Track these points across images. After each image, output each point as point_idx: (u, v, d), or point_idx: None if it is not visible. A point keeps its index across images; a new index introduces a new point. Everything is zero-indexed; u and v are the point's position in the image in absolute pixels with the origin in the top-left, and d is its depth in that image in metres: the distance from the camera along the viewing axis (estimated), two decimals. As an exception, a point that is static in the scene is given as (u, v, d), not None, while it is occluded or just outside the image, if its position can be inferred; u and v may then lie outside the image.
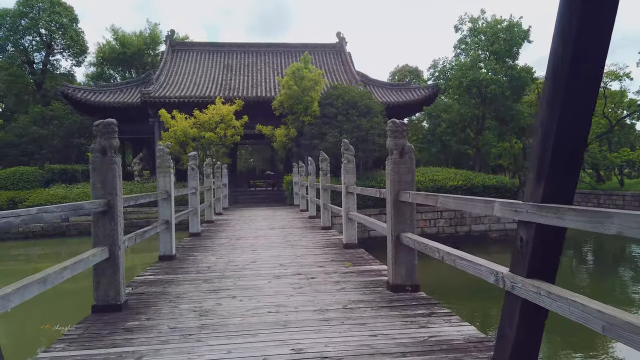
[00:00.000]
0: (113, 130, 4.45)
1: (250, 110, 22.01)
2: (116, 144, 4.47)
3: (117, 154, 4.50)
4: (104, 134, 4.41)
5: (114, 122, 4.48)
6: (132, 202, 5.25)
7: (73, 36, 30.93)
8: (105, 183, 4.36)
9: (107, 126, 4.43)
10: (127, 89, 25.63)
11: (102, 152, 4.42)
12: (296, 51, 28.75)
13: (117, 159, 4.45)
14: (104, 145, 4.41)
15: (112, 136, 4.44)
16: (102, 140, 4.42)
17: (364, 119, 19.80)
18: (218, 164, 16.17)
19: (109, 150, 4.41)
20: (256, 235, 9.96)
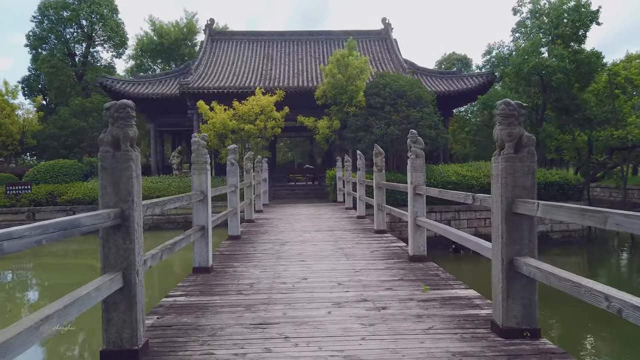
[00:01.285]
0: (129, 116, 3.33)
1: (291, 101, 20.90)
2: (133, 133, 3.35)
3: (135, 148, 3.39)
4: (117, 120, 3.30)
5: (130, 105, 3.36)
6: (157, 208, 4.14)
7: (113, 27, 30.70)
8: (118, 186, 3.25)
9: (121, 110, 3.31)
10: (166, 80, 25.04)
11: (114, 144, 3.31)
12: (339, 39, 27.38)
13: (135, 154, 3.34)
14: (117, 135, 3.29)
15: (128, 123, 3.32)
16: (115, 129, 3.31)
17: (414, 109, 18.29)
18: (258, 158, 15.13)
19: (124, 142, 3.29)
20: (302, 239, 8.79)
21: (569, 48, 21.15)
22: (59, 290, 9.22)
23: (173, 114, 24.43)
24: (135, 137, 3.41)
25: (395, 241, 8.31)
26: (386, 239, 8.66)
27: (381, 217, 9.46)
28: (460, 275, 6.49)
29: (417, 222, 6.44)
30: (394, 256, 6.88)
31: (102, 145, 3.32)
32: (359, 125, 18.74)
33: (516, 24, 23.29)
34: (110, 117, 3.33)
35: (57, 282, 12.32)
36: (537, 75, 21.07)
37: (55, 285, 12.05)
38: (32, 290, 12.41)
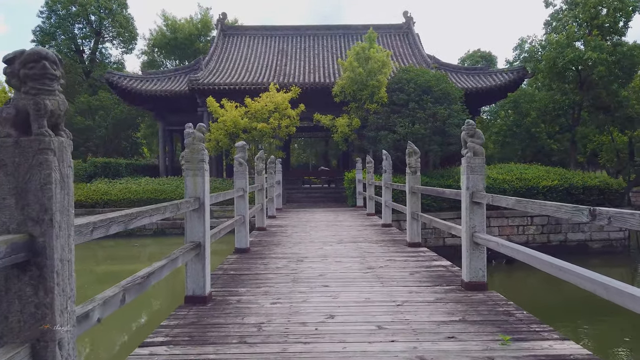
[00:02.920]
0: (47, 74, 1.94)
1: (307, 99, 19.52)
2: (55, 105, 1.97)
3: (61, 132, 2.03)
4: (26, 81, 1.93)
5: (48, 56, 1.96)
6: (116, 227, 2.74)
7: (122, 23, 29.67)
8: (25, 196, 1.88)
9: (32, 63, 1.92)
10: (176, 77, 23.84)
11: (18, 124, 1.93)
12: (357, 33, 25.94)
13: (59, 141, 1.97)
14: (24, 107, 1.92)
15: (46, 87, 1.95)
16: (21, 98, 1.93)
17: (441, 106, 16.77)
18: (272, 158, 13.77)
19: (37, 121, 1.91)
20: (323, 253, 7.37)
21: (608, 41, 19.43)
22: None
23: (182, 112, 23.20)
24: (62, 113, 2.04)
25: (436, 258, 6.84)
26: (423, 254, 7.19)
27: (415, 228, 7.99)
28: (497, 289, 5.04)
29: (475, 240, 4.97)
30: (441, 281, 5.42)
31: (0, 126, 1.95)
32: (381, 124, 17.27)
33: (549, 16, 21.60)
34: (15, 77, 1.95)
35: None
36: (574, 70, 19.38)
37: None
38: None
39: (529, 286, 11.42)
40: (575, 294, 6.53)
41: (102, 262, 13.92)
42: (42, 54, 1.92)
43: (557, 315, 8.77)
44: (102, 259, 14.25)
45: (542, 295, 10.54)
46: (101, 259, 14.33)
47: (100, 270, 12.77)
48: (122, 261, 13.48)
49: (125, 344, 7.47)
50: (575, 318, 8.89)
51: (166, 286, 9.88)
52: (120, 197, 17.35)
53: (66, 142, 2.04)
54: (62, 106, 2.02)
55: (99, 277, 12.12)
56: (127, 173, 20.71)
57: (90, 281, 11.72)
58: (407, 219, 8.12)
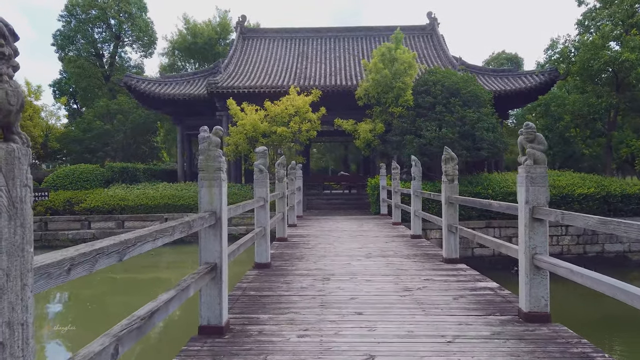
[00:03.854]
0: (1, 31, 1.33)
1: (328, 102, 18.89)
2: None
3: (19, 138, 1.42)
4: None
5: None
6: (109, 259, 2.10)
7: (142, 26, 29.53)
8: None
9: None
10: (194, 80, 23.46)
11: None
12: (379, 35, 25.23)
13: (7, 152, 1.34)
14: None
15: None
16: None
17: (469, 109, 15.95)
18: (292, 164, 13.14)
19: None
20: (352, 270, 6.68)
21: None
22: None
23: (201, 116, 22.80)
24: (13, 108, 1.43)
25: (480, 278, 6.09)
26: (464, 273, 6.44)
27: (452, 243, 7.25)
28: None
29: (536, 263, 4.22)
30: (492, 309, 4.68)
31: None
32: (406, 128, 16.51)
33: (582, 16, 20.57)
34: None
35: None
36: (610, 72, 18.32)
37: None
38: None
39: (567, 300, 10.54)
40: (614, 308, 5.76)
41: (119, 270, 13.46)
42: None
43: (602, 332, 7.99)
44: (119, 267, 13.79)
45: (583, 310, 9.69)
46: (117, 266, 13.88)
47: (119, 279, 12.31)
48: (139, 271, 13.00)
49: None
50: (622, 334, 8.13)
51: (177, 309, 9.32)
52: (137, 203, 16.93)
53: (20, 151, 1.41)
54: (12, 99, 1.39)
55: (117, 287, 11.66)
56: (144, 178, 20.34)
57: (109, 291, 11.25)
58: (443, 233, 7.37)
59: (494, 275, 7.47)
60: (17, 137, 1.44)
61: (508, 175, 17.21)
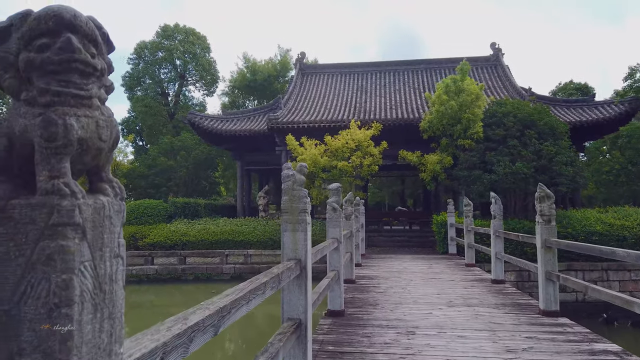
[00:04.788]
0: (72, 60, 0.89)
1: (389, 136, 18.38)
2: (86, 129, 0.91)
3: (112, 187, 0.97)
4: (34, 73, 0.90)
5: (77, 22, 0.92)
6: (205, 335, 1.65)
7: (205, 66, 30.69)
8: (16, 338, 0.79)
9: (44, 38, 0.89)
10: (255, 117, 23.80)
11: (6, 171, 0.90)
12: (440, 67, 24.71)
13: (96, 209, 0.88)
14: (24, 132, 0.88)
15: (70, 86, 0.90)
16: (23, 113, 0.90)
17: (546, 142, 14.91)
18: (356, 200, 12.62)
19: (48, 161, 0.86)
20: (436, 322, 5.95)
21: None
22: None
23: (261, 152, 22.98)
24: (106, 146, 0.99)
25: (594, 337, 5.19)
26: (571, 330, 5.54)
27: (552, 293, 6.38)
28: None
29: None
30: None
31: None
32: (474, 162, 15.64)
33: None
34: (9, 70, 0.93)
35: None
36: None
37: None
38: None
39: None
40: None
41: (182, 307, 13.29)
42: (65, 18, 0.89)
43: None
44: (181, 304, 13.64)
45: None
46: (180, 304, 13.72)
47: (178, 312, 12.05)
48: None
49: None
50: None
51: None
52: (198, 238, 16.94)
53: (112, 206, 0.97)
54: (104, 132, 0.96)
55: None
56: (205, 213, 20.50)
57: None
58: (540, 281, 6.52)
59: (580, 324, 6.49)
60: (107, 187, 1.01)
61: (589, 212, 15.78)
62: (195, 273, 15.90)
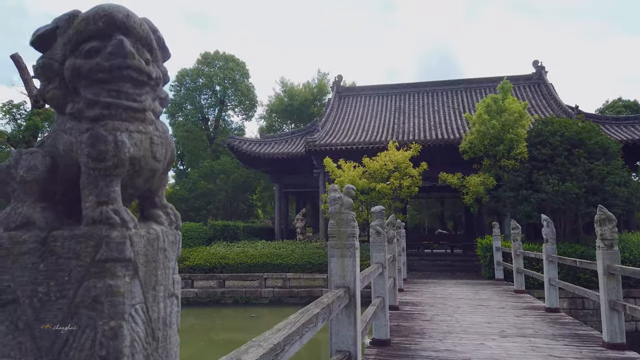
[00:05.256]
0: (124, 66, 0.76)
1: (428, 157, 18.01)
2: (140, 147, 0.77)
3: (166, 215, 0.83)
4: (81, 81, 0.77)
5: (130, 24, 0.79)
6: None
7: (244, 91, 31.31)
8: None
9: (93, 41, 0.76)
10: (292, 139, 23.93)
11: (46, 197, 0.76)
12: (481, 87, 24.22)
13: (149, 241, 0.73)
14: (68, 151, 0.75)
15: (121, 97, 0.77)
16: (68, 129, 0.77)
17: (596, 161, 14.20)
18: (398, 222, 12.30)
19: (95, 185, 0.72)
20: (491, 355, 5.56)
21: None
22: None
23: (298, 174, 23.01)
24: (160, 166, 0.84)
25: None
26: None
27: (617, 324, 5.88)
28: None
29: None
30: None
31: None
32: (520, 182, 15.05)
33: None
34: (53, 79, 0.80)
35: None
36: None
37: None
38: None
39: None
40: None
41: (221, 331, 13.21)
42: (117, 18, 0.77)
43: None
44: (220, 328, 13.57)
45: None
46: (219, 328, 13.65)
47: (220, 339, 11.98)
48: (243, 332, 12.58)
49: None
50: None
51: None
52: (237, 261, 16.94)
53: (167, 237, 0.83)
54: (158, 151, 0.83)
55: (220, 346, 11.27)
56: (244, 236, 20.57)
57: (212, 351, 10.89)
58: (603, 311, 6.03)
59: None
60: (161, 214, 0.87)
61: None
62: (234, 296, 15.82)
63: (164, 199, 0.91)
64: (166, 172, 0.89)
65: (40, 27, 0.81)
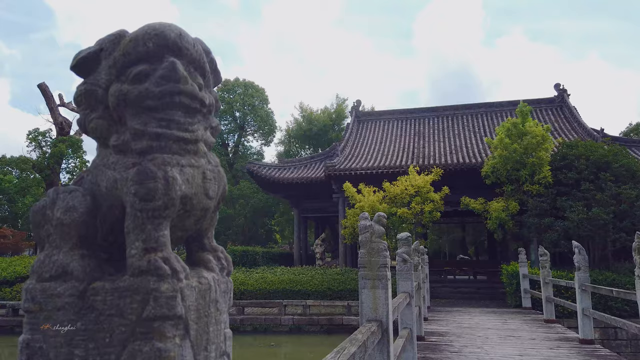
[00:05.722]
0: (175, 92, 0.67)
1: (450, 181, 17.74)
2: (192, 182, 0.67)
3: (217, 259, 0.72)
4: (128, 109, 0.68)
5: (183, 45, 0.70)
6: None
7: (263, 117, 31.65)
8: None
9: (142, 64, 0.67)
10: (311, 164, 23.93)
11: (87, 241, 0.65)
12: (501, 110, 24.00)
13: (201, 292, 0.62)
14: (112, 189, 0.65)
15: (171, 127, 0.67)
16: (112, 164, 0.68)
17: (624, 185, 13.79)
18: (421, 249, 12.02)
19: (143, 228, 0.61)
20: (527, 392, 5.25)
21: None
22: None
23: (317, 199, 22.89)
24: (212, 203, 0.73)
25: None
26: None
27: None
28: None
29: None
30: None
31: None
32: (544, 208, 14.68)
33: None
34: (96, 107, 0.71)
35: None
36: None
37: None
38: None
39: None
40: None
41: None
42: (169, 38, 0.67)
43: None
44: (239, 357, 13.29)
45: None
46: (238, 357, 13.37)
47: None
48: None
49: None
50: None
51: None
52: (256, 288, 16.72)
53: (219, 286, 0.72)
54: (211, 187, 0.72)
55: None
56: (263, 262, 20.41)
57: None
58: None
59: None
60: (211, 259, 0.77)
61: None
62: (254, 324, 15.55)
63: (213, 240, 0.80)
64: (217, 211, 0.79)
65: (82, 50, 0.73)
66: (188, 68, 0.70)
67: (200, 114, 0.73)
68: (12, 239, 28.16)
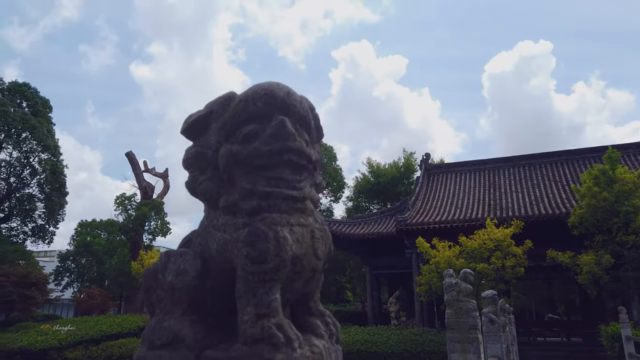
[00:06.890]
0: (285, 150, 0.66)
1: (532, 234, 16.65)
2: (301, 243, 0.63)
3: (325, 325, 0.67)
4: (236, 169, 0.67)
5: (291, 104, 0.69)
6: None
7: (332, 174, 32.14)
8: None
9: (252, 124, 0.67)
10: (381, 219, 23.62)
11: (192, 308, 0.63)
12: (583, 158, 22.64)
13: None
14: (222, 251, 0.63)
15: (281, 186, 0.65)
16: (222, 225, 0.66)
17: None
18: (507, 307, 11.19)
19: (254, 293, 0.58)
20: None
21: None
22: None
23: (389, 255, 22.36)
24: (320, 263, 0.69)
25: None
26: None
27: None
28: None
29: None
30: None
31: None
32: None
33: None
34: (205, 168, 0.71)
35: None
36: None
37: None
38: None
39: None
40: None
41: None
42: (277, 97, 0.67)
43: None
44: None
45: None
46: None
47: None
48: None
49: None
50: None
51: None
52: (328, 349, 16.26)
53: (330, 355, 0.66)
54: (319, 247, 0.69)
55: None
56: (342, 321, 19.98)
57: None
58: None
59: None
60: (319, 324, 0.71)
61: None
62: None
63: (319, 304, 0.75)
64: (323, 272, 0.75)
65: (192, 114, 0.74)
66: (295, 125, 0.69)
67: (306, 170, 0.71)
68: (99, 299, 29.79)
